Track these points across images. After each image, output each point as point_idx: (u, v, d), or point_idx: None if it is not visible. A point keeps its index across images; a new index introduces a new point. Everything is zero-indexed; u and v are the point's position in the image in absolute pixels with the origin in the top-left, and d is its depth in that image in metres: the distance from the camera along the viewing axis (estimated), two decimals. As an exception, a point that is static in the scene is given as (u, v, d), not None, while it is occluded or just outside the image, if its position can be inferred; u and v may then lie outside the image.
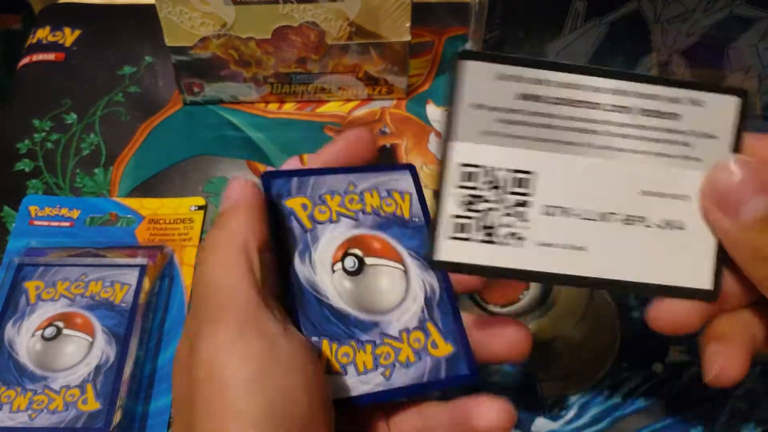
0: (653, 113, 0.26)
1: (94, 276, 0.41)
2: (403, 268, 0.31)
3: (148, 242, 0.45)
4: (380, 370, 0.29)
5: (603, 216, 0.26)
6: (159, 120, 0.52)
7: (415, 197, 0.33)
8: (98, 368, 0.38)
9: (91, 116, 0.52)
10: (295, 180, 0.31)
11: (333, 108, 0.53)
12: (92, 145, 0.50)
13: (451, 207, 0.26)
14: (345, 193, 0.32)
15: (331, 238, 0.31)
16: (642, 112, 0.26)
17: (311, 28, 0.47)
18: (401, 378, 0.29)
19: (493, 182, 0.26)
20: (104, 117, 0.52)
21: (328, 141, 0.50)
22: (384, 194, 0.32)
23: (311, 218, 0.31)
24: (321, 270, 0.30)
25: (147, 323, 0.41)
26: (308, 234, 0.31)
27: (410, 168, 0.34)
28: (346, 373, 0.29)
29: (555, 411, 0.39)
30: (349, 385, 0.28)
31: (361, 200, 0.32)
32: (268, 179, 0.31)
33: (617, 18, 0.42)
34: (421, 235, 0.32)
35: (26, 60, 0.56)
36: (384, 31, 0.48)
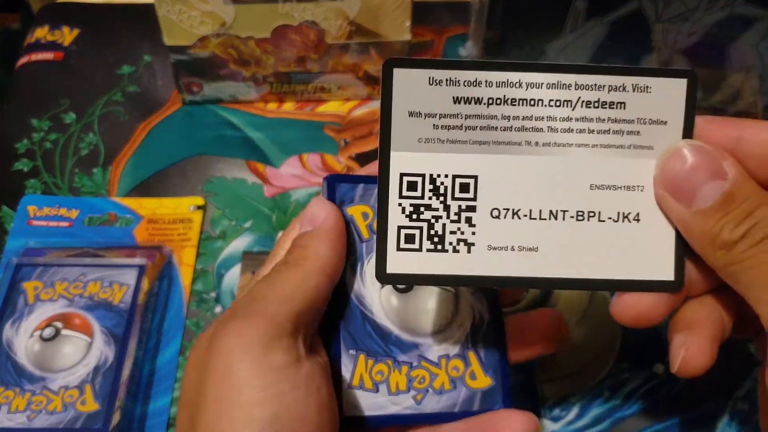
0: (597, 104, 0.25)
1: (93, 276, 0.41)
2: (455, 292, 0.30)
3: (147, 242, 0.45)
4: (412, 393, 0.28)
5: (553, 214, 0.25)
6: (158, 119, 0.52)
7: None
8: (97, 369, 0.38)
9: (90, 116, 0.52)
10: (361, 187, 0.30)
11: (333, 107, 0.53)
12: (91, 145, 0.50)
13: (396, 218, 0.25)
14: None
15: None
16: (585, 104, 0.25)
17: (311, 28, 0.47)
18: (432, 404, 0.28)
19: (436, 190, 0.25)
20: (103, 116, 0.52)
21: (328, 141, 0.51)
22: None
23: (370, 228, 0.30)
24: (370, 283, 0.29)
25: (146, 324, 0.41)
26: (363, 245, 0.30)
27: None
28: (377, 391, 0.28)
29: (556, 412, 0.39)
30: (379, 404, 0.28)
31: None
32: (333, 183, 0.30)
33: (618, 17, 0.42)
34: None
35: (25, 59, 0.55)
36: (384, 31, 0.48)
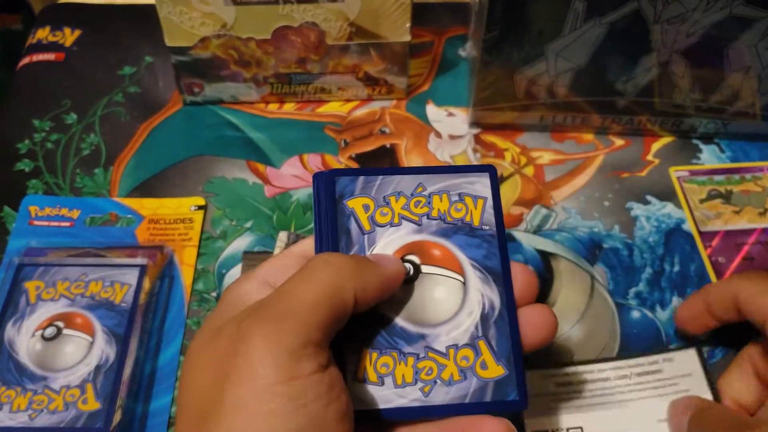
0: None
1: (94, 276, 0.41)
2: (462, 280, 0.29)
3: (148, 242, 0.45)
4: (419, 385, 0.27)
5: None
6: (159, 120, 0.52)
7: (490, 203, 0.30)
8: (98, 368, 0.38)
9: (91, 116, 0.52)
10: (362, 179, 0.30)
11: (333, 108, 0.53)
12: (92, 145, 0.50)
13: None
14: (412, 196, 0.30)
15: (388, 243, 0.29)
16: None
17: (311, 29, 0.47)
18: (441, 396, 0.27)
19: None
20: (104, 117, 0.52)
21: (328, 141, 0.51)
22: (455, 198, 0.30)
23: (371, 220, 0.30)
24: None
25: (147, 323, 0.41)
26: (365, 237, 0.29)
27: (490, 170, 0.31)
28: (383, 384, 0.27)
29: (555, 411, 0.39)
30: (384, 397, 0.27)
31: (428, 203, 0.30)
32: (332, 177, 0.30)
33: (617, 18, 0.42)
34: (489, 245, 0.30)
35: (26, 60, 0.56)
36: (384, 32, 0.48)
